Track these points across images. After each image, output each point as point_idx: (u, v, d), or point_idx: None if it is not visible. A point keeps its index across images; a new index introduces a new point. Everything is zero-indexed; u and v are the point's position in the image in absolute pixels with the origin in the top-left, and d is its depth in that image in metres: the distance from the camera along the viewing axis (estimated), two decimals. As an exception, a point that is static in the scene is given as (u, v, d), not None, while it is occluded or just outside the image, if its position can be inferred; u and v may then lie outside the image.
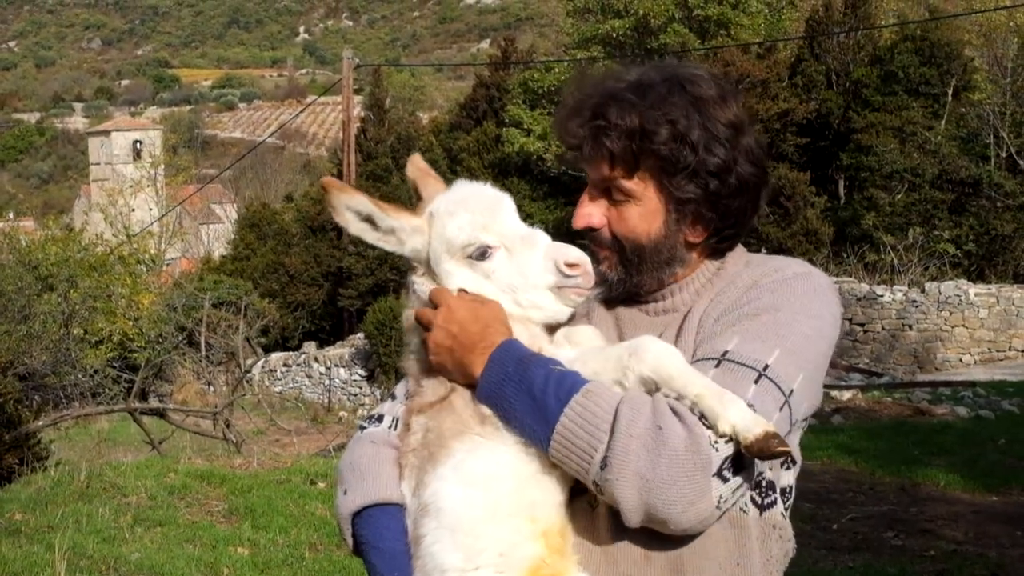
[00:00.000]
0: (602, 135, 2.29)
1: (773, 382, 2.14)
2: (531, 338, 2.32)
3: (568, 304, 2.34)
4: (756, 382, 2.13)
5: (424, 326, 2.34)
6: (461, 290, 2.32)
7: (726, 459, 2.05)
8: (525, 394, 2.17)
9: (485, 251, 2.33)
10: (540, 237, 2.35)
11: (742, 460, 2.08)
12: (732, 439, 2.05)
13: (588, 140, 2.32)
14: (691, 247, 2.38)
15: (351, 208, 2.38)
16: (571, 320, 2.38)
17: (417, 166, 2.54)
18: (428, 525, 2.24)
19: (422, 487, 2.29)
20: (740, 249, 2.46)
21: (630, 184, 2.31)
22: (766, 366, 2.14)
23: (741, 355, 2.16)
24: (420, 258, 2.40)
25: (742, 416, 2.04)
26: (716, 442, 2.04)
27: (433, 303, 2.34)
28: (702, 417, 2.05)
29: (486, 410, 2.24)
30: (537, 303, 2.34)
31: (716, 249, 2.42)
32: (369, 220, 2.39)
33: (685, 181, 2.28)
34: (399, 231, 2.39)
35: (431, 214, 2.40)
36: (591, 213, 2.37)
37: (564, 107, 2.44)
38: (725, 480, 2.06)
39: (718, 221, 2.34)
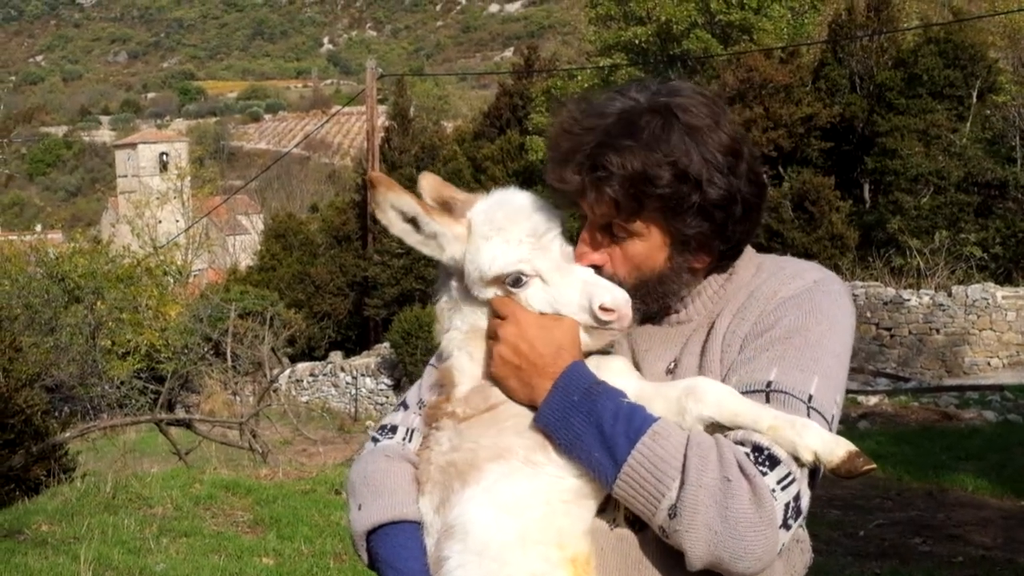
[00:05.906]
0: (604, 184, 2.20)
1: (819, 412, 2.15)
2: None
3: (599, 343, 2.28)
4: (807, 415, 2.13)
5: (489, 335, 2.28)
6: None
7: (787, 506, 2.06)
8: (594, 427, 2.13)
9: (519, 279, 2.25)
10: (577, 271, 2.27)
11: (801, 500, 2.10)
12: (815, 465, 2.08)
13: (590, 188, 2.23)
14: (696, 272, 2.35)
15: (396, 207, 2.28)
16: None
17: (431, 184, 2.43)
18: (453, 548, 2.19)
19: (446, 506, 2.23)
20: (748, 251, 2.42)
21: (634, 225, 2.25)
22: (810, 396, 2.15)
23: (786, 385, 2.15)
24: (459, 268, 2.30)
25: (822, 441, 2.07)
26: (774, 490, 2.04)
27: (498, 314, 2.26)
28: (765, 461, 2.06)
29: (540, 439, 2.19)
30: None
31: (720, 266, 2.38)
32: (413, 222, 2.29)
33: (691, 219, 2.22)
34: (440, 237, 2.29)
35: (470, 223, 2.29)
36: (592, 255, 2.29)
37: (554, 153, 2.31)
38: (788, 528, 2.08)
39: (723, 246, 2.31)
